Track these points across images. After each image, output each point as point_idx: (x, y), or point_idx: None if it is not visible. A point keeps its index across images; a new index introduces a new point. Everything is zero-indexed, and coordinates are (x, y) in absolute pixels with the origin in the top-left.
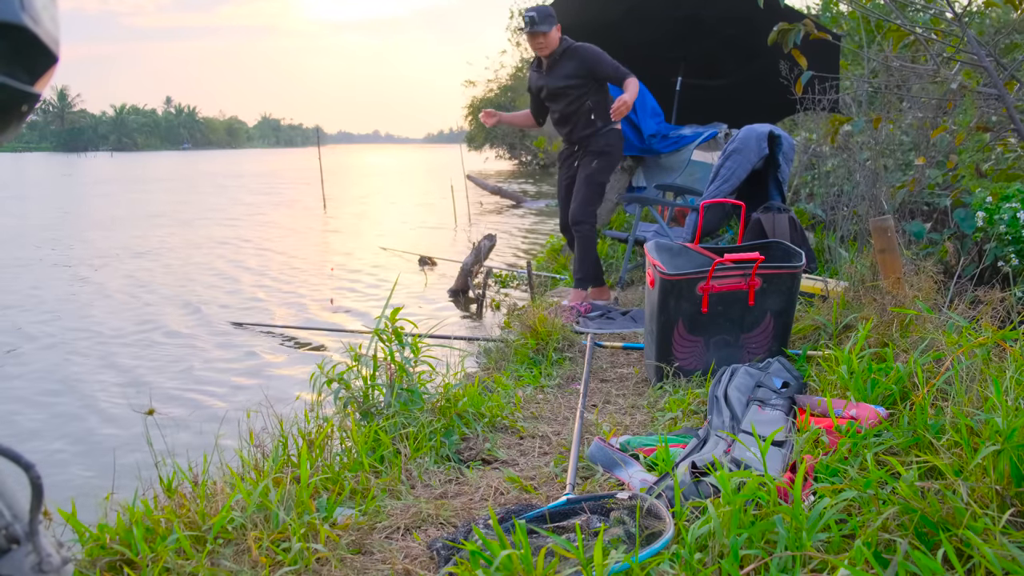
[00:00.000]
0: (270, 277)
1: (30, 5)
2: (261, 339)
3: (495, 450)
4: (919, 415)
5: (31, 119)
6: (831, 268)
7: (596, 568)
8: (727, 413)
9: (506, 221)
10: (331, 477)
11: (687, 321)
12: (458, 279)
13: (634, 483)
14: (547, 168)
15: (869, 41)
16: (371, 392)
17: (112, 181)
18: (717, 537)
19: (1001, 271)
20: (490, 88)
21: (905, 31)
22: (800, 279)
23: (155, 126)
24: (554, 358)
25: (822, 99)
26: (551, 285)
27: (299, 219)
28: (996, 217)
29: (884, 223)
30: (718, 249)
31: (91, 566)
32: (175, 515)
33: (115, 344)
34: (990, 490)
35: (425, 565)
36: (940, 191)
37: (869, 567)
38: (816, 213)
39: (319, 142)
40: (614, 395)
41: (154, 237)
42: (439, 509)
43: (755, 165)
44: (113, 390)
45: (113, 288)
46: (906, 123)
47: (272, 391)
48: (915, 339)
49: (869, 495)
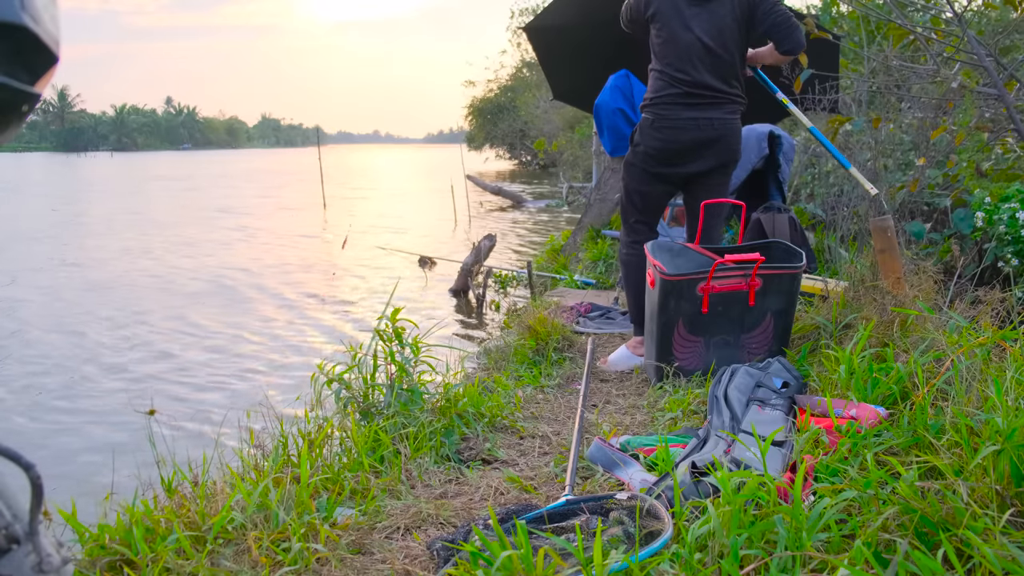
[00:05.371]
0: (270, 277)
1: (30, 5)
2: (261, 339)
3: (495, 450)
4: (919, 415)
5: (31, 119)
6: (831, 268)
7: (596, 568)
8: (727, 413)
9: (506, 221)
10: (331, 477)
11: (687, 321)
12: (458, 279)
13: (634, 483)
14: (547, 168)
15: (869, 41)
16: (371, 392)
17: (112, 179)
18: (717, 537)
19: (1001, 271)
20: (490, 88)
21: (905, 30)
22: (800, 279)
23: (155, 126)
24: (554, 358)
25: (822, 99)
26: (551, 285)
27: (299, 219)
28: (995, 217)
29: (884, 223)
30: (718, 249)
31: (91, 566)
32: (175, 515)
33: (116, 344)
34: (990, 490)
35: (425, 565)
36: (940, 191)
37: (869, 567)
38: (816, 213)
39: (319, 142)
40: (614, 395)
41: (154, 238)
42: (439, 509)
43: (755, 165)
44: (114, 390)
45: (113, 288)
46: (906, 123)
47: (272, 391)
48: (915, 339)
49: (869, 495)
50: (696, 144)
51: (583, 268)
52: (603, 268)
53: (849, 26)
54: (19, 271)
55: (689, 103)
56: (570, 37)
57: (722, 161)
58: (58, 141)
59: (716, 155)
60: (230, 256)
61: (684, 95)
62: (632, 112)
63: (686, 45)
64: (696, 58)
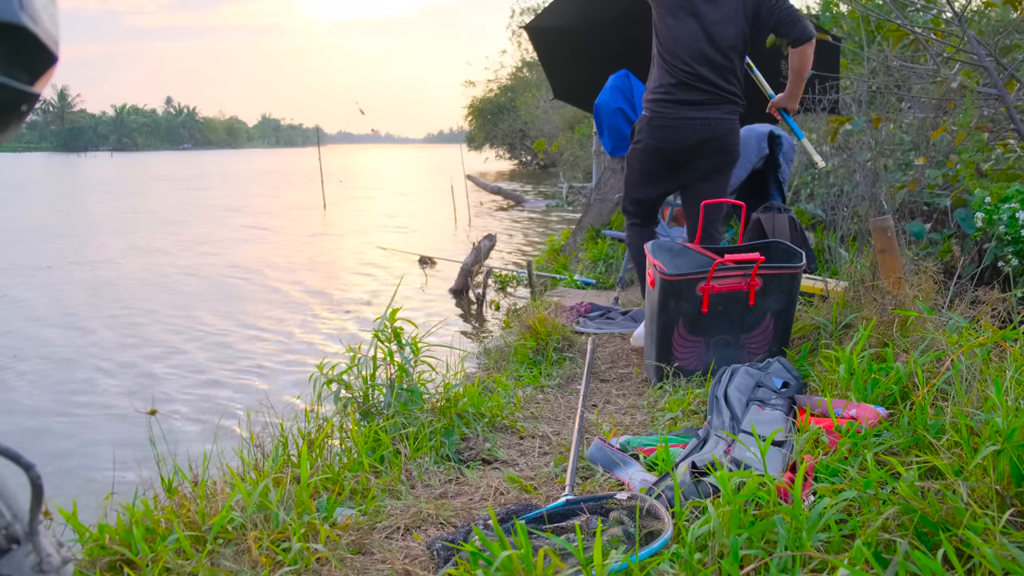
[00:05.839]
0: (271, 277)
1: (30, 5)
2: (262, 339)
3: (495, 450)
4: (919, 415)
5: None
6: (831, 268)
7: (596, 568)
8: (727, 413)
9: (506, 221)
10: (331, 477)
11: (687, 321)
12: (458, 279)
13: (634, 483)
14: (547, 168)
15: (869, 41)
16: (371, 392)
17: (115, 179)
18: (717, 537)
19: (1001, 271)
20: (490, 88)
21: (905, 31)
22: (800, 279)
23: (155, 126)
24: (554, 358)
25: (822, 99)
26: (551, 285)
27: (299, 219)
28: (995, 217)
29: (884, 223)
30: (718, 249)
31: (91, 566)
32: (175, 515)
33: (116, 344)
34: (990, 490)
35: (425, 565)
36: (940, 191)
37: (869, 567)
38: (816, 213)
39: (319, 142)
40: (614, 395)
41: (155, 237)
42: (439, 509)
43: (755, 165)
44: (115, 390)
45: (113, 288)
46: (906, 123)
47: (272, 391)
48: (915, 339)
49: (869, 495)
50: (694, 144)
51: (583, 268)
52: (603, 268)
53: (849, 26)
54: (20, 270)
55: (687, 100)
56: (570, 37)
57: (721, 162)
58: (58, 141)
59: (714, 155)
60: (234, 255)
61: (683, 87)
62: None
63: (690, 35)
64: (699, 50)
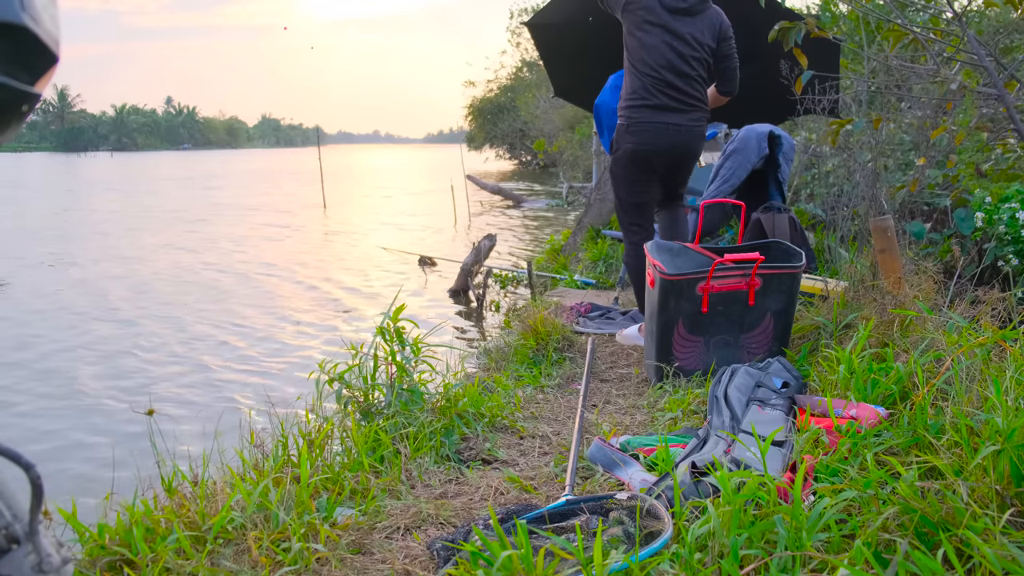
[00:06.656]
0: (272, 276)
1: (30, 5)
2: (261, 339)
3: (495, 450)
4: (919, 415)
5: (31, 119)
6: (831, 268)
7: (596, 568)
8: (727, 413)
9: (506, 221)
10: (331, 477)
11: (687, 321)
12: (458, 279)
13: (634, 483)
14: (547, 168)
15: (869, 41)
16: (371, 392)
17: (119, 180)
18: (717, 537)
19: (1001, 271)
20: (490, 88)
21: (904, 31)
22: (800, 279)
23: (155, 126)
24: (554, 358)
25: (822, 99)
26: (551, 285)
27: (299, 219)
28: (995, 217)
29: (884, 223)
30: (718, 249)
31: (91, 566)
32: (175, 515)
33: (116, 344)
34: (990, 490)
35: (425, 565)
36: (940, 191)
37: (869, 567)
38: (816, 213)
39: (319, 142)
40: (614, 395)
41: (155, 237)
42: (439, 509)
43: (755, 165)
44: (113, 390)
45: (112, 288)
46: (906, 123)
47: (272, 391)
48: (915, 339)
49: (869, 495)
50: (669, 150)
51: (583, 268)
52: (603, 268)
53: (849, 26)
54: (22, 269)
55: (659, 105)
56: (572, 35)
57: (690, 167)
58: (58, 141)
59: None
60: (237, 255)
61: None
62: None
63: (659, 46)
64: (666, 59)
